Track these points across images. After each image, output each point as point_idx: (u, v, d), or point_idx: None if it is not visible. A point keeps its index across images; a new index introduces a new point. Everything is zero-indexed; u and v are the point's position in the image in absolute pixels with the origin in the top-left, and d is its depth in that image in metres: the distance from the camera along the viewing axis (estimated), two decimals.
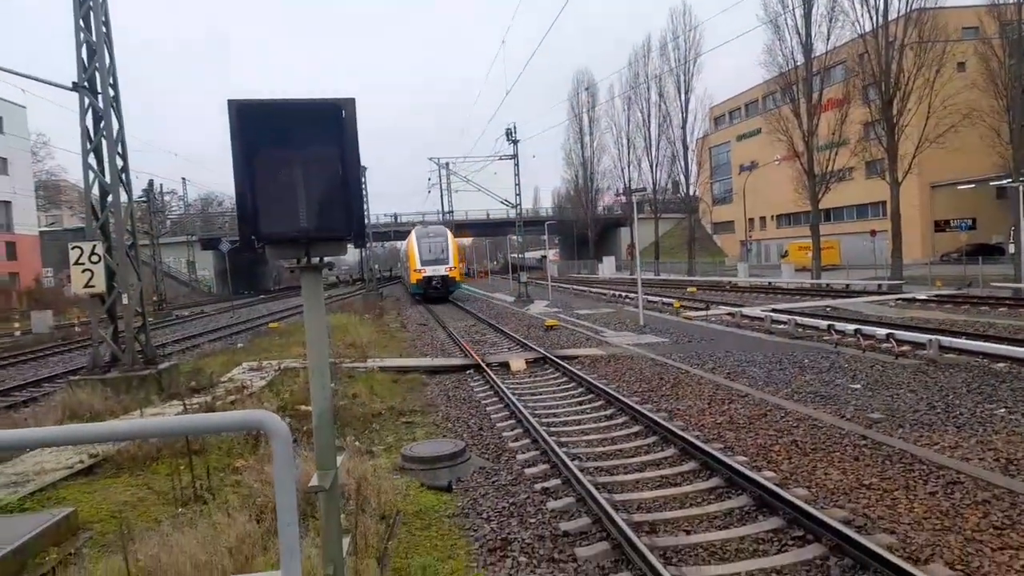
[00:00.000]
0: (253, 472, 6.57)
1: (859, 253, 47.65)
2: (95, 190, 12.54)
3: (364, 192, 39.68)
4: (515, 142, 41.31)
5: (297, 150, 2.91)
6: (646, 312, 23.24)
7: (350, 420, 9.86)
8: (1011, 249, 32.52)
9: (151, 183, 47.77)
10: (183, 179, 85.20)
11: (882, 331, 14.78)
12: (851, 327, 15.82)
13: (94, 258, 11.82)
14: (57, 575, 5.04)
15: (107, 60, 12.28)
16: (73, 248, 11.90)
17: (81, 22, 12.05)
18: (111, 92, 12.34)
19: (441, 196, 71.35)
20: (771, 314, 19.98)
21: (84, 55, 12.16)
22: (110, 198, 12.51)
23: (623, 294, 34.68)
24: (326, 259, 3.21)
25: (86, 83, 12.15)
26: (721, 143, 78.37)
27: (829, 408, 9.68)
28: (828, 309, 23.22)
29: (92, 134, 12.34)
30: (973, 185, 39.83)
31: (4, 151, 55.45)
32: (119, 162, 12.53)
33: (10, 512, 6.25)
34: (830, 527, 5.28)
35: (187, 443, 6.99)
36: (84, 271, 11.81)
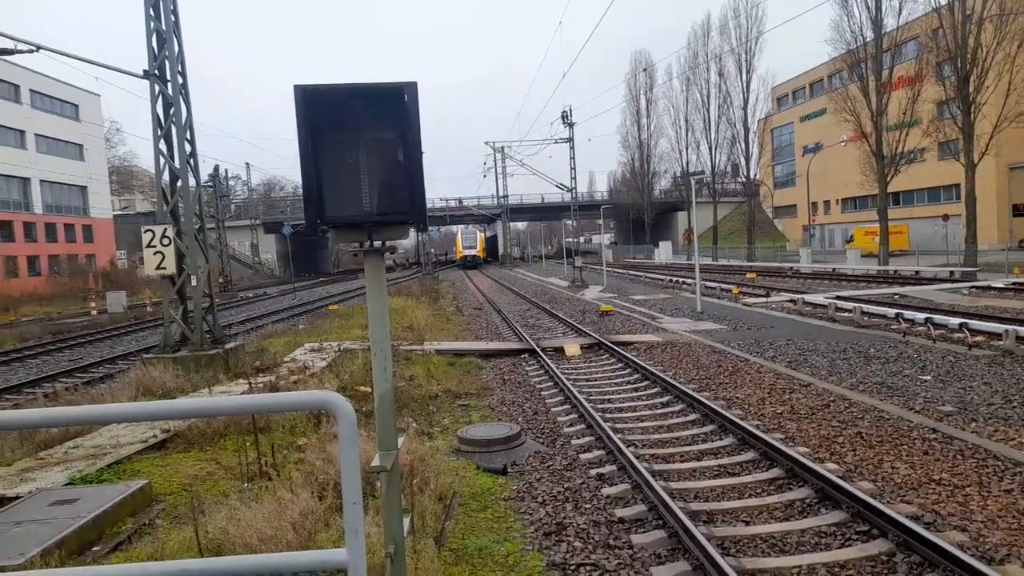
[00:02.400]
0: (315, 450, 6.75)
1: (929, 238, 45.64)
2: (165, 175, 13.01)
3: None
4: (571, 125, 41.08)
5: (361, 134, 2.95)
6: (704, 298, 22.83)
7: (408, 402, 10.03)
8: None
9: (216, 168, 49.23)
10: (247, 164, 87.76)
11: (954, 320, 14.14)
12: (921, 316, 15.18)
13: (165, 241, 12.29)
14: (132, 544, 5.29)
15: (176, 48, 12.68)
16: (145, 231, 12.39)
17: (151, 11, 12.45)
18: (180, 80, 12.73)
19: (496, 180, 71.81)
20: (835, 301, 19.34)
21: (154, 44, 12.57)
22: (179, 183, 12.96)
23: (680, 280, 34.14)
24: (388, 243, 3.24)
25: (156, 71, 12.57)
26: (784, 124, 75.90)
27: (896, 399, 9.34)
28: (896, 297, 22.35)
29: (162, 120, 12.78)
30: None
31: (80, 138, 58.06)
32: (187, 147, 12.96)
33: (89, 483, 6.58)
34: (897, 522, 5.11)
35: (253, 421, 7.22)
36: (156, 253, 12.29)
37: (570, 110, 40.84)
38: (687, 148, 66.18)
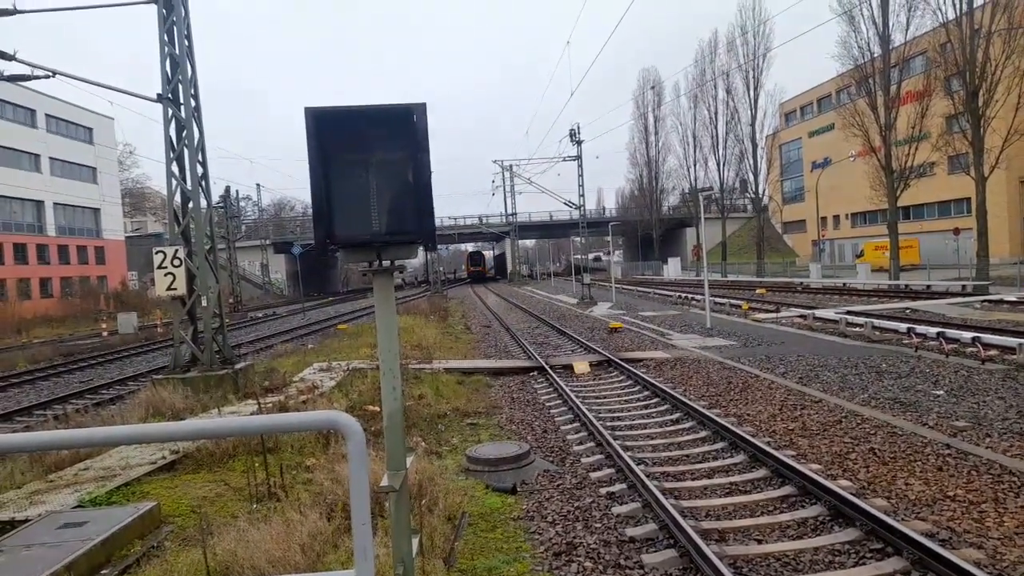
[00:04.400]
0: (324, 471, 6.73)
1: (940, 252, 45.38)
2: (177, 197, 13.14)
3: None
4: (579, 143, 41.14)
5: (370, 155, 2.98)
6: (713, 314, 22.75)
7: (416, 421, 10.00)
8: None
9: (228, 189, 49.74)
10: (257, 185, 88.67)
11: (967, 334, 14.03)
12: (933, 330, 15.06)
13: (176, 262, 12.38)
14: (141, 567, 5.28)
15: (189, 72, 12.85)
16: (157, 252, 12.49)
17: (165, 36, 12.65)
18: (192, 103, 12.89)
19: (504, 198, 72.29)
20: (846, 316, 19.24)
21: (168, 68, 12.75)
22: (191, 204, 13.07)
23: (689, 296, 34.04)
24: (397, 262, 3.26)
25: (170, 95, 12.74)
26: (792, 140, 75.98)
27: (909, 415, 9.25)
28: (907, 311, 22.20)
29: (175, 143, 12.93)
30: None
31: (93, 161, 58.79)
32: (199, 170, 13.09)
33: (99, 505, 6.59)
34: (912, 540, 5.04)
35: (262, 441, 7.22)
36: (167, 274, 12.38)
37: (578, 128, 40.89)
38: (695, 164, 66.34)
